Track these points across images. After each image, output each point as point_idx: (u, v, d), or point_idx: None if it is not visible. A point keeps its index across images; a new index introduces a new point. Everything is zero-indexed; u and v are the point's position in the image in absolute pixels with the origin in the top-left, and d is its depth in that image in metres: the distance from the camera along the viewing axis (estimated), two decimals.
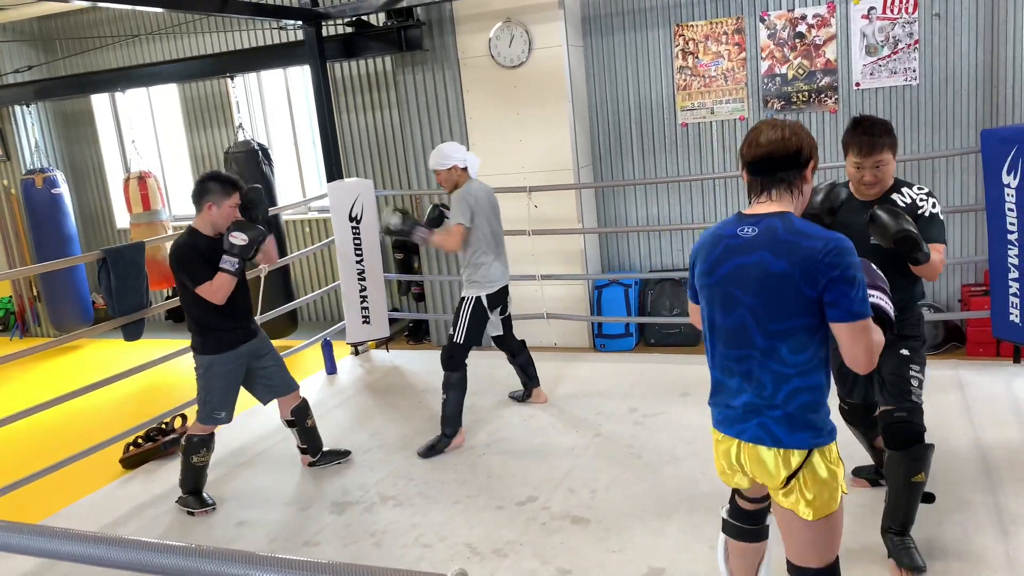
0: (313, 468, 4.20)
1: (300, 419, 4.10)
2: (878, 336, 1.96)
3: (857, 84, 5.52)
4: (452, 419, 4.28)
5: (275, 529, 3.67)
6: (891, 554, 2.81)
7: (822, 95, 5.62)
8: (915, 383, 2.81)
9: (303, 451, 4.18)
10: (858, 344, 1.91)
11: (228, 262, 3.56)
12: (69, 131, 8.37)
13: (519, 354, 4.76)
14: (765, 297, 1.95)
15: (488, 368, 5.58)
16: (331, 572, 1.07)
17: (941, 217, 2.82)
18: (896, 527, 2.81)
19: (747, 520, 2.34)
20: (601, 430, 4.32)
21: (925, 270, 2.73)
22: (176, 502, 3.91)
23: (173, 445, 4.59)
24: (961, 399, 4.23)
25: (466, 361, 4.31)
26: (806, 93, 5.66)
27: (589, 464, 3.93)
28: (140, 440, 4.61)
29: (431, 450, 4.23)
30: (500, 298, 4.41)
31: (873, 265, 2.15)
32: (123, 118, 8.29)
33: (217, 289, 3.58)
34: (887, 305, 2.05)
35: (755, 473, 2.08)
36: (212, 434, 3.88)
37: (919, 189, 2.84)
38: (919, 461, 2.74)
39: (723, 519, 2.39)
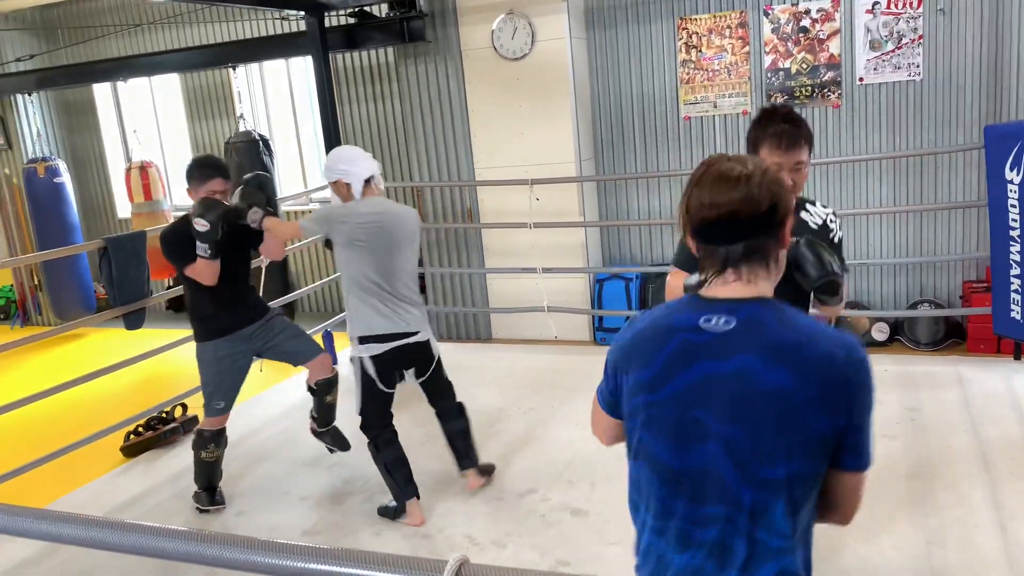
0: (313, 459, 4.20)
1: (321, 392, 3.97)
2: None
3: (861, 79, 5.51)
4: (394, 488, 3.56)
5: (274, 519, 3.68)
6: None
7: (825, 90, 5.61)
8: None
9: (313, 418, 4.09)
10: (857, 496, 1.38)
11: (200, 248, 3.51)
12: (71, 120, 8.37)
13: (448, 420, 3.75)
14: (753, 426, 1.29)
15: (490, 360, 5.59)
16: (333, 558, 1.08)
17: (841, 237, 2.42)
18: None
19: None
20: None
21: (828, 311, 2.27)
22: (192, 497, 3.88)
23: (174, 434, 4.61)
24: (961, 395, 4.24)
25: (390, 423, 3.58)
26: (809, 88, 5.65)
27: (589, 457, 3.94)
28: (140, 429, 4.63)
29: (385, 511, 3.63)
30: (404, 358, 3.49)
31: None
32: (125, 107, 8.29)
33: (200, 272, 3.54)
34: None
35: None
36: (222, 429, 3.81)
37: (824, 207, 2.40)
38: None
39: None
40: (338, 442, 4.13)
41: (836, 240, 2.37)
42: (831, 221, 2.37)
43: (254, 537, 1.13)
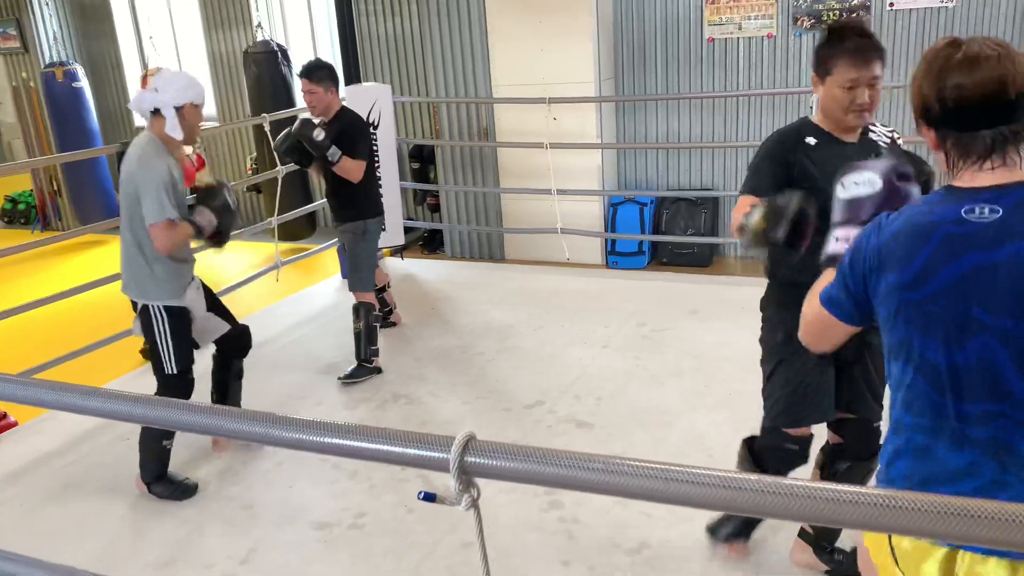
0: (328, 366, 4.31)
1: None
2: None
3: (891, 4, 5.36)
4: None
5: None
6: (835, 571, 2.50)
7: (854, 14, 5.46)
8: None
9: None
10: None
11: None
12: (87, 25, 8.27)
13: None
14: None
15: (501, 279, 5.66)
16: (348, 432, 1.14)
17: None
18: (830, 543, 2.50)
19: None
20: (609, 342, 4.41)
21: None
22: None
23: None
24: None
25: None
26: (837, 12, 5.50)
27: (596, 374, 4.03)
28: None
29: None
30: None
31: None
32: (141, 14, 8.17)
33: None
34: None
35: None
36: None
37: (884, 126, 2.38)
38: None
39: None
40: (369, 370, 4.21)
41: (903, 149, 2.32)
42: (896, 136, 2.35)
43: (273, 413, 1.20)
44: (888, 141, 2.32)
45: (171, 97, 3.01)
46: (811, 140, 2.24)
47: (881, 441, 1.84)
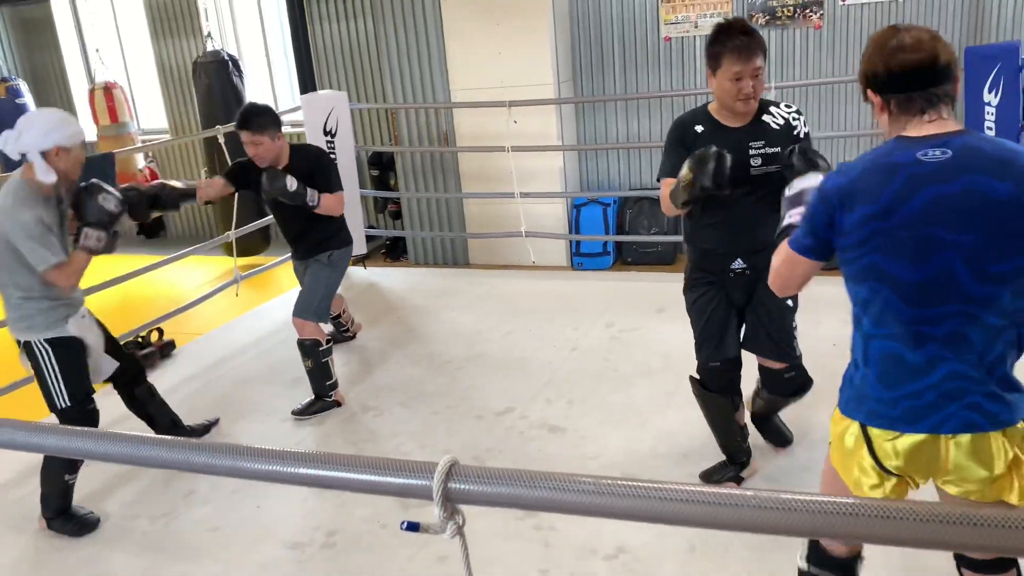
0: (294, 380, 4.22)
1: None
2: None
3: (843, 0, 5.43)
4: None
5: (260, 437, 3.71)
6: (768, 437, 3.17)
7: (807, 10, 5.52)
8: (795, 336, 2.82)
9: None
10: None
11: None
12: (29, 38, 8.03)
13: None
14: (987, 231, 1.56)
15: (466, 284, 5.61)
16: (326, 462, 1.09)
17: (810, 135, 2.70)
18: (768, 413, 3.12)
19: (839, 570, 1.89)
20: (578, 344, 4.38)
21: None
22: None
23: (151, 358, 4.59)
24: None
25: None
26: (791, 8, 5.56)
27: (566, 377, 4.00)
28: None
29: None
30: None
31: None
32: (85, 25, 7.96)
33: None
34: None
35: (958, 473, 1.64)
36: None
37: (787, 107, 2.66)
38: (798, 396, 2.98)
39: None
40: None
41: (801, 135, 2.63)
42: (794, 119, 2.65)
43: (240, 444, 1.14)
44: (781, 123, 2.63)
45: (34, 142, 2.81)
46: (699, 128, 2.64)
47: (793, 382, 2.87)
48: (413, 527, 1.03)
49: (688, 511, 0.94)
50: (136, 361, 3.43)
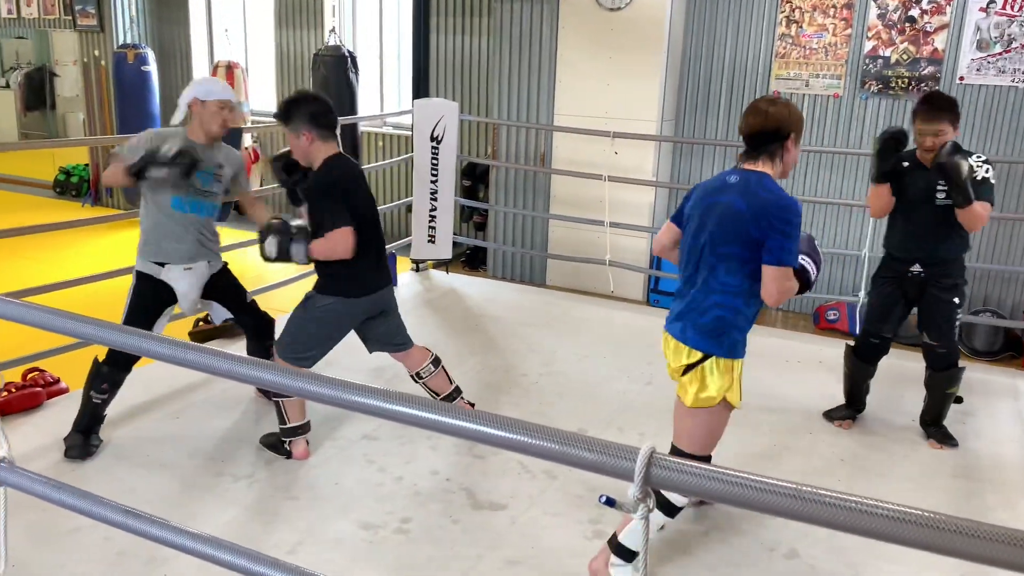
0: (377, 368, 4.36)
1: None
2: (793, 284, 2.50)
3: (961, 78, 5.41)
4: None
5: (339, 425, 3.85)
6: (929, 436, 3.77)
7: (922, 84, 5.52)
8: (956, 327, 3.65)
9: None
10: (774, 284, 2.46)
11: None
12: (162, 11, 8.48)
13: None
14: (725, 226, 2.48)
15: (543, 304, 5.70)
16: (518, 428, 1.19)
17: (992, 181, 3.41)
18: (931, 420, 3.77)
19: None
20: (653, 379, 4.42)
21: (967, 216, 3.33)
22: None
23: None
24: (1015, 408, 4.26)
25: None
26: (906, 79, 5.56)
27: (640, 409, 4.05)
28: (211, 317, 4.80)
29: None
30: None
31: (815, 242, 2.69)
32: (215, 5, 8.37)
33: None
34: (811, 270, 2.59)
35: (669, 358, 2.68)
36: None
37: (977, 157, 3.40)
38: (954, 379, 3.69)
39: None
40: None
41: (978, 178, 3.35)
42: (976, 165, 3.37)
43: (348, 381, 1.23)
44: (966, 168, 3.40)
45: (184, 95, 3.47)
46: (906, 163, 3.56)
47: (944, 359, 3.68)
48: (611, 502, 1.13)
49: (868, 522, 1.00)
50: (268, 319, 3.79)
